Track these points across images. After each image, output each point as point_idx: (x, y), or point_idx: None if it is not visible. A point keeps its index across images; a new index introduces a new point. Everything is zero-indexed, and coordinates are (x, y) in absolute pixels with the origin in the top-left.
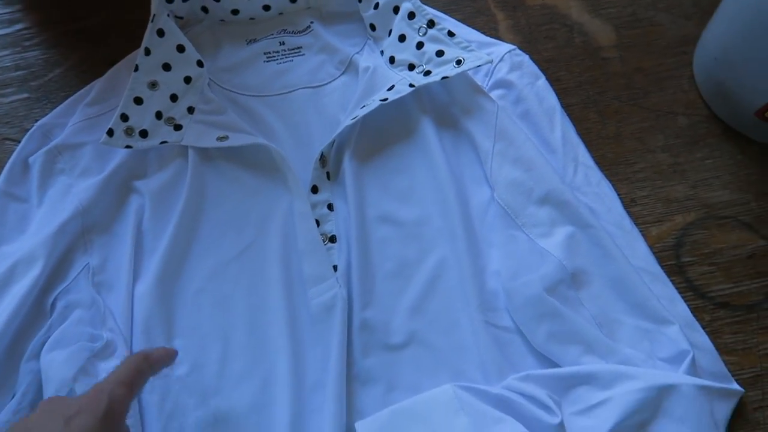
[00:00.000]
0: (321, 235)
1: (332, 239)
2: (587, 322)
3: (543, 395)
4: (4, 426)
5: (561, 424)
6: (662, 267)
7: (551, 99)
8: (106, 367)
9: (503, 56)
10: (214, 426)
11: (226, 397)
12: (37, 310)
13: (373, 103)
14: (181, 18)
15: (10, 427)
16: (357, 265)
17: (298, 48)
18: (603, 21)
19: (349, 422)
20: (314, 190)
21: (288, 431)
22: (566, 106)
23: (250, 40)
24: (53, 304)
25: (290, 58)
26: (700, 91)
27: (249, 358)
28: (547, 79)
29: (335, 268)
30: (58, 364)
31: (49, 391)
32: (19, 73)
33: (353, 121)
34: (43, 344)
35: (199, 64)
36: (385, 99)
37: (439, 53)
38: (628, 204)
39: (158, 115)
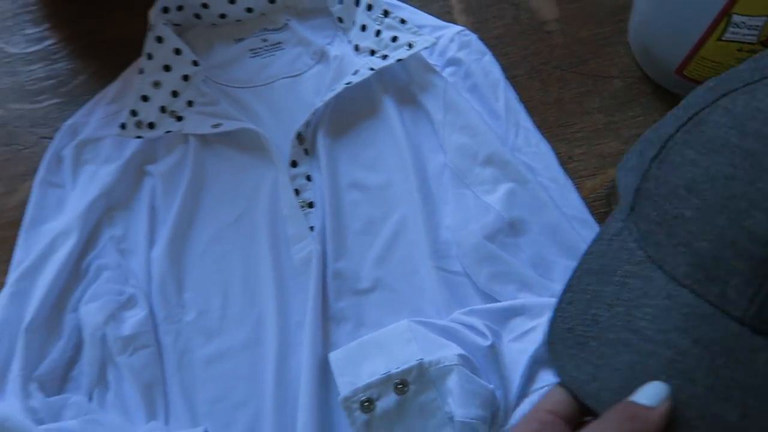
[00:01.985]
0: (301, 201)
1: (310, 205)
2: (523, 264)
3: (479, 324)
4: (55, 364)
5: (492, 346)
6: (593, 214)
7: (496, 72)
8: (129, 315)
9: (453, 37)
10: (217, 360)
11: (226, 337)
12: (75, 272)
13: (339, 86)
14: (179, 25)
15: None
16: (330, 225)
17: (279, 43)
18: None
19: (327, 354)
20: (294, 164)
21: (275, 364)
22: (512, 78)
23: (238, 39)
24: (87, 268)
25: (272, 53)
26: (634, 55)
27: (244, 305)
28: (494, 54)
29: (312, 228)
30: (92, 314)
31: (86, 334)
32: (50, 82)
33: (323, 103)
34: (80, 299)
35: (195, 63)
36: (349, 82)
37: (394, 39)
38: (566, 161)
39: (162, 110)
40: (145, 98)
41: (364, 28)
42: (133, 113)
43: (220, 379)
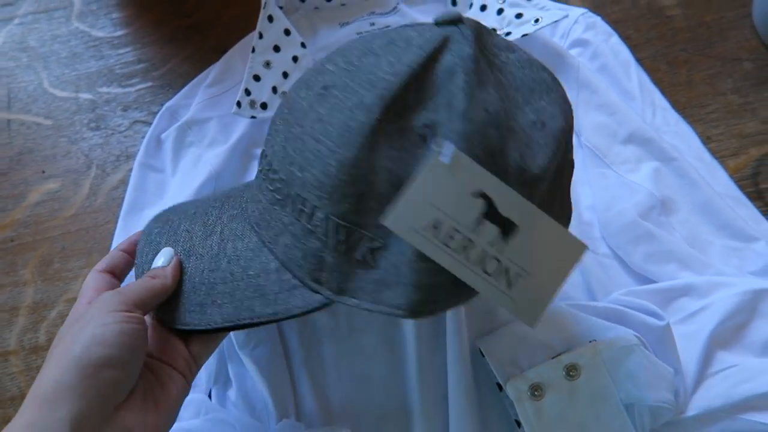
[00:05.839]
0: None
1: None
2: (680, 242)
3: (648, 304)
4: None
5: (668, 326)
6: (744, 192)
7: (625, 52)
8: None
9: (577, 18)
10: (349, 354)
11: (357, 330)
12: None
13: None
14: (281, 7)
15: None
16: None
17: (387, 27)
18: None
19: (474, 343)
20: None
21: (416, 359)
22: (637, 60)
23: (343, 23)
24: None
25: None
26: (762, 39)
27: None
28: (619, 35)
29: None
30: None
31: None
32: (141, 65)
33: None
34: None
35: (303, 45)
36: None
37: (518, 15)
38: (705, 141)
39: (274, 90)
40: (256, 78)
41: (483, 8)
42: (247, 92)
43: (354, 376)
